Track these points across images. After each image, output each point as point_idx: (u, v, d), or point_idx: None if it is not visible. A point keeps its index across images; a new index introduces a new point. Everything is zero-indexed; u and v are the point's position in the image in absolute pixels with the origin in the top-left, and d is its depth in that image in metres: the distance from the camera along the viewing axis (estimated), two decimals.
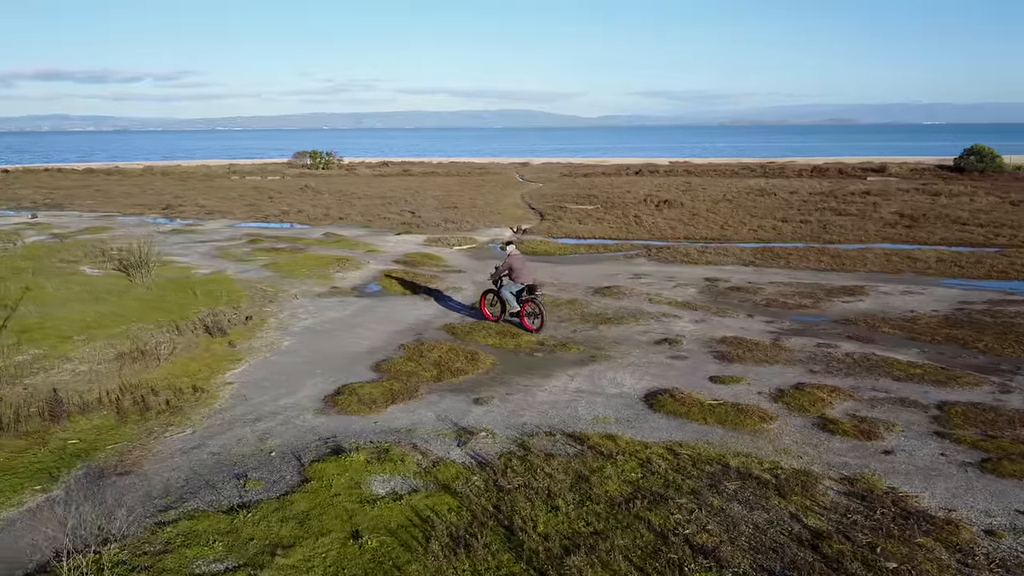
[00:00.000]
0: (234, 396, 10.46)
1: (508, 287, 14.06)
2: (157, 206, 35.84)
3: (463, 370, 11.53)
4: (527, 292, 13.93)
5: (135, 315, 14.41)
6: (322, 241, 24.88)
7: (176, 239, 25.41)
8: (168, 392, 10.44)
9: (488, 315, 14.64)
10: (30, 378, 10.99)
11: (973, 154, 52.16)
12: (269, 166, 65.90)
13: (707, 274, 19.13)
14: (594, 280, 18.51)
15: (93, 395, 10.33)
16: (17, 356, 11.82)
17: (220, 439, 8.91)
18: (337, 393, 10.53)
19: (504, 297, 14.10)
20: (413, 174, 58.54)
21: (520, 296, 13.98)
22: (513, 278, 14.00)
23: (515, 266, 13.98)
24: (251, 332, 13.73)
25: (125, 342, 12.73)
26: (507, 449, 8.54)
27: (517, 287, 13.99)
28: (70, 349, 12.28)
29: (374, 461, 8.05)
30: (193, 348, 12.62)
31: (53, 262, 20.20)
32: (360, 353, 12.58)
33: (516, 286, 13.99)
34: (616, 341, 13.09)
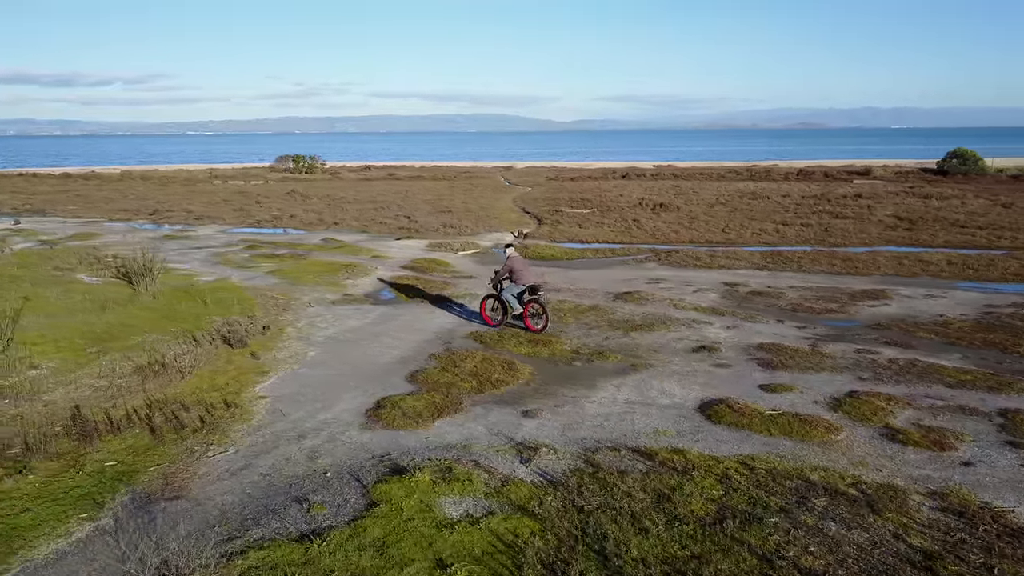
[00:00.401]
0: (270, 411, 9.95)
1: (509, 289, 14.01)
2: (143, 211, 34.95)
3: (503, 381, 11.11)
4: (529, 293, 13.91)
5: (147, 325, 13.80)
6: (323, 247, 24.30)
7: (171, 245, 24.68)
8: (200, 408, 9.90)
9: (489, 321, 14.45)
10: (48, 394, 10.39)
11: (956, 157, 52.72)
12: (251, 170, 64.85)
13: (723, 278, 18.87)
14: (611, 285, 18.16)
15: (119, 412, 9.76)
16: (31, 371, 11.19)
17: (267, 459, 8.40)
18: (378, 407, 10.06)
19: (506, 299, 14.01)
20: (399, 178, 57.93)
21: (522, 297, 13.93)
22: (514, 280, 13.98)
23: (516, 268, 13.98)
24: (271, 342, 13.19)
25: (142, 354, 12.14)
26: (574, 466, 8.13)
27: (519, 288, 13.94)
28: (85, 362, 11.67)
29: (440, 481, 7.60)
30: (214, 360, 12.06)
31: (47, 270, 19.44)
32: (391, 363, 12.11)
33: (518, 288, 13.95)
34: (652, 349, 12.74)
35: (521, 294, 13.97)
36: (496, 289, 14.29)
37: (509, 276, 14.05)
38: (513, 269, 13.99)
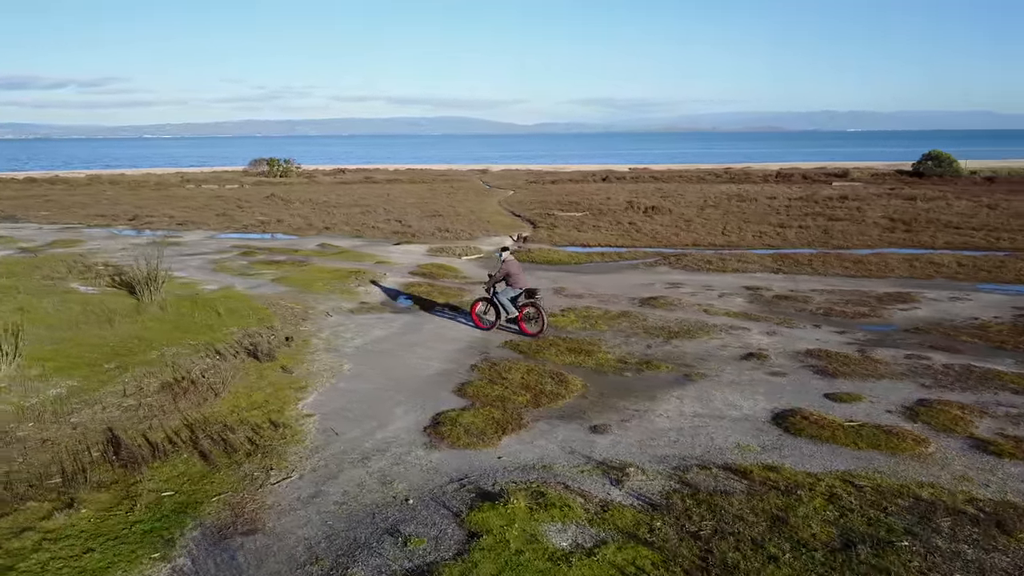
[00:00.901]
0: (321, 431, 9.30)
1: (505, 293, 13.95)
2: (122, 217, 33.73)
3: (558, 394, 10.58)
4: (526, 296, 13.86)
5: (162, 338, 13.02)
6: (321, 252, 23.53)
7: (159, 252, 23.65)
8: (245, 429, 9.22)
9: (480, 324, 14.37)
10: (75, 416, 9.62)
11: (931, 159, 53.45)
12: (223, 174, 63.35)
13: (742, 283, 18.56)
14: (631, 290, 17.75)
15: (158, 435, 9.05)
16: (50, 389, 10.40)
17: (336, 485, 7.78)
18: (436, 423, 9.48)
19: (501, 303, 13.92)
20: (376, 181, 57.04)
21: (516, 301, 13.88)
22: (510, 283, 13.95)
23: (512, 272, 13.99)
24: (300, 355, 12.52)
25: (165, 370, 11.40)
26: (669, 487, 7.64)
27: (514, 292, 13.90)
28: (107, 380, 10.90)
29: (536, 507, 7.06)
30: (244, 375, 11.36)
31: (36, 279, 18.45)
32: (433, 376, 11.53)
33: (513, 291, 13.91)
34: (700, 357, 12.32)
35: (516, 298, 13.89)
36: (489, 292, 14.21)
37: (505, 280, 13.99)
38: (509, 273, 13.95)
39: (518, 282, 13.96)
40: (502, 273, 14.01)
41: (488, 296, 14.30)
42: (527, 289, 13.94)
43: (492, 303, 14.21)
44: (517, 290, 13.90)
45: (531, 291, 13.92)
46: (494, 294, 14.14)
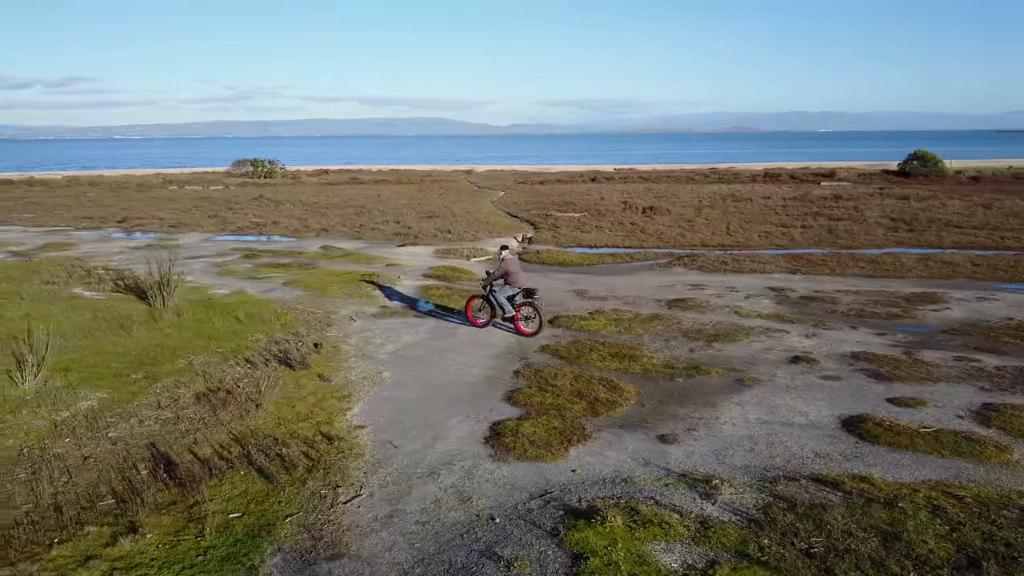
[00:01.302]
0: (378, 444, 8.84)
1: (503, 291, 13.93)
2: (110, 219, 32.83)
3: (614, 402, 10.20)
4: (524, 296, 13.86)
5: (185, 345, 12.45)
6: (327, 255, 22.97)
7: (161, 255, 22.96)
8: (298, 443, 8.74)
9: (474, 321, 14.37)
10: (112, 430, 9.07)
11: (917, 159, 53.86)
12: (206, 175, 62.19)
13: (764, 283, 18.33)
14: (653, 292, 17.44)
15: (205, 450, 8.55)
16: (80, 402, 9.82)
17: (412, 503, 7.33)
18: (496, 434, 9.06)
19: (498, 301, 13.92)
20: (363, 182, 56.32)
21: (513, 300, 13.87)
22: (509, 282, 13.92)
23: (511, 271, 13.95)
24: (333, 362, 12.03)
25: (196, 379, 10.85)
26: (763, 500, 7.29)
27: (512, 291, 13.87)
28: (137, 391, 10.34)
29: (635, 525, 6.68)
30: (281, 385, 10.85)
31: (36, 284, 17.71)
32: (477, 383, 11.11)
33: (511, 290, 13.88)
34: (746, 361, 12.01)
35: (513, 296, 13.87)
36: (485, 291, 14.19)
37: (504, 278, 13.94)
38: (508, 271, 13.90)
39: (516, 281, 13.92)
40: (501, 271, 13.94)
41: (484, 294, 14.28)
42: (525, 288, 13.90)
43: (488, 301, 14.21)
44: (515, 289, 13.86)
45: (529, 291, 13.88)
46: (491, 292, 14.11)
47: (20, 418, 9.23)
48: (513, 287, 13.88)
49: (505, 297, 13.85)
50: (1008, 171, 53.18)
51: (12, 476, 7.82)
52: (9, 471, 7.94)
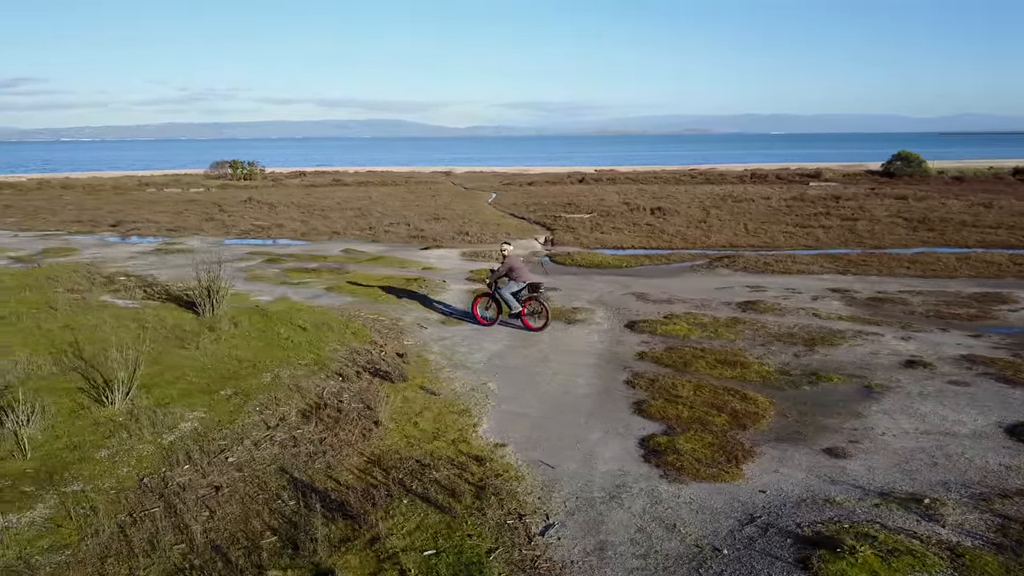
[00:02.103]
0: (531, 464, 8.10)
1: (508, 287, 13.99)
2: (102, 223, 31.31)
3: (754, 413, 9.59)
4: (529, 291, 13.95)
5: (262, 358, 11.52)
6: (354, 259, 22.02)
7: (177, 260, 21.82)
8: (445, 465, 7.95)
9: (481, 320, 14.35)
10: (230, 455, 8.18)
11: (901, 159, 54.46)
12: (182, 177, 60.18)
13: (820, 285, 17.91)
14: (714, 294, 16.90)
15: (346, 475, 7.72)
16: (181, 423, 8.89)
17: (614, 532, 6.62)
18: (652, 451, 8.40)
19: (504, 298, 13.97)
20: (348, 184, 55.03)
21: (519, 296, 13.94)
22: (513, 278, 13.98)
23: (515, 266, 14.03)
24: (427, 373, 11.25)
25: (293, 395, 9.98)
26: (993, 522, 6.73)
27: (518, 287, 13.97)
28: (235, 409, 9.44)
29: (885, 555, 6.05)
30: (386, 399, 10.01)
31: (60, 292, 16.51)
32: (593, 394, 10.43)
33: (517, 285, 13.97)
34: (860, 366, 11.50)
35: (519, 292, 13.94)
36: (491, 288, 14.22)
37: (508, 275, 14.02)
38: (513, 267, 13.99)
39: (521, 276, 13.99)
40: (505, 268, 14.00)
41: (490, 291, 14.28)
42: (531, 284, 14.01)
43: (494, 298, 14.23)
44: (520, 284, 13.96)
45: (534, 285, 14.00)
46: (496, 289, 14.12)
47: (123, 443, 8.29)
48: (518, 283, 13.94)
49: (510, 293, 13.91)
50: (988, 171, 54.11)
51: (146, 511, 6.92)
52: (139, 505, 7.04)
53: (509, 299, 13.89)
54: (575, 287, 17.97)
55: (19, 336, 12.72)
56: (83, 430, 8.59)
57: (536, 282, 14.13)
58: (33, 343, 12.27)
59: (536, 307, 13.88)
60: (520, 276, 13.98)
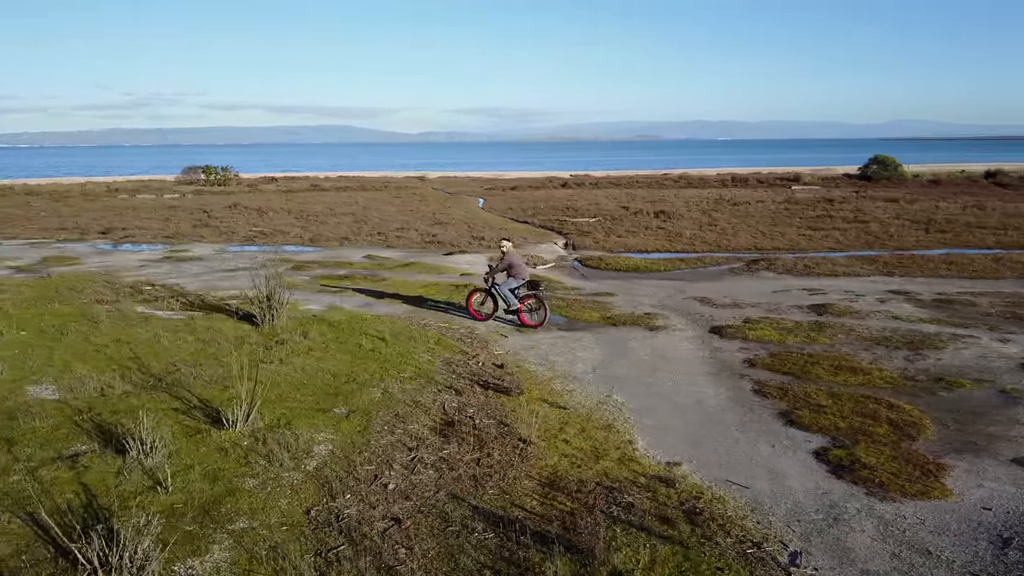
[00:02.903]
0: (720, 483, 7.47)
1: (506, 284, 14.02)
2: (89, 230, 29.71)
3: (912, 423, 9.10)
4: (528, 288, 14.03)
5: (357, 371, 10.68)
6: (380, 265, 21.13)
7: (192, 268, 20.66)
8: (637, 491, 7.29)
9: (477, 315, 14.45)
10: (387, 481, 7.36)
11: (877, 163, 55.28)
12: (151, 183, 57.96)
13: (876, 287, 17.65)
14: (774, 297, 16.52)
15: (526, 501, 7.03)
16: (314, 446, 8.04)
17: (869, 560, 6.05)
18: (837, 467, 7.85)
19: (502, 294, 14.00)
20: (326, 189, 53.67)
21: (517, 293, 13.99)
22: (512, 275, 14.03)
23: (514, 263, 14.05)
24: (538, 384, 10.55)
25: (416, 412, 9.20)
26: None
27: (516, 283, 14.00)
28: (360, 428, 8.62)
29: None
30: (512, 414, 9.29)
31: (89, 304, 15.36)
32: (728, 405, 9.88)
33: (516, 282, 14.01)
34: (979, 370, 11.14)
35: (516, 289, 13.99)
36: (487, 284, 14.29)
37: (507, 271, 14.04)
38: (512, 264, 14.01)
39: (520, 273, 14.03)
40: (504, 264, 14.04)
41: (487, 287, 14.39)
42: (529, 280, 14.13)
43: (490, 294, 14.36)
44: (519, 281, 14.00)
45: (533, 282, 14.14)
46: (493, 285, 14.21)
47: (267, 471, 7.42)
48: (516, 279, 13.98)
49: (509, 290, 13.94)
50: (961, 174, 55.25)
51: (335, 550, 6.10)
52: (322, 543, 6.22)
53: (507, 295, 13.93)
54: (627, 292, 17.42)
55: (70, 352, 11.68)
56: (210, 457, 7.69)
57: (535, 279, 14.30)
58: (91, 359, 11.26)
59: (534, 304, 13.95)
60: (519, 273, 14.01)
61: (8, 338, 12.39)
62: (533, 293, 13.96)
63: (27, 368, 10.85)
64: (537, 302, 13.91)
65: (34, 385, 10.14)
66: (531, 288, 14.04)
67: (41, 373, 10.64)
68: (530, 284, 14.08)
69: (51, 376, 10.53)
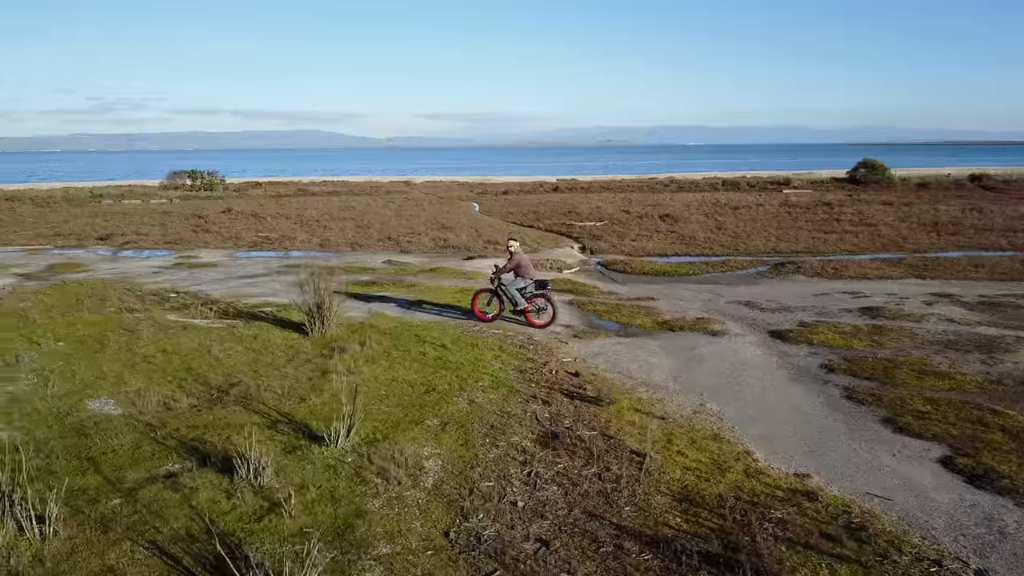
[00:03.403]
0: (862, 497, 7.14)
1: (514, 284, 13.97)
2: (85, 236, 28.79)
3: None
4: (536, 287, 13.97)
5: (435, 381, 10.23)
6: (404, 270, 20.63)
7: (209, 275, 20.00)
8: (782, 506, 6.94)
9: (481, 315, 14.35)
10: (511, 499, 6.95)
11: (866, 167, 55.71)
12: (135, 188, 56.57)
13: (916, 289, 17.47)
14: (816, 300, 16.30)
15: (669, 518, 6.65)
16: (424, 462, 7.59)
17: None
18: (969, 475, 7.60)
19: (510, 294, 13.95)
20: (315, 194, 52.87)
21: (524, 292, 13.93)
22: (520, 275, 13.97)
23: (522, 263, 13.96)
24: (623, 393, 10.13)
25: (511, 423, 8.80)
26: None
27: (524, 283, 13.94)
28: (462, 443, 8.19)
29: None
30: (608, 424, 8.91)
31: (118, 312, 14.72)
32: (826, 412, 9.58)
33: (524, 282, 13.95)
34: None
35: (524, 289, 13.93)
36: (493, 284, 14.22)
37: (515, 271, 13.98)
38: (520, 264, 13.93)
39: (528, 273, 13.97)
40: (512, 264, 13.96)
41: (492, 288, 14.32)
42: (537, 280, 14.05)
43: (496, 294, 14.29)
44: (527, 281, 13.94)
45: (541, 282, 14.06)
46: (499, 285, 14.13)
47: (386, 489, 6.97)
48: (524, 279, 13.91)
49: (516, 289, 13.88)
50: (947, 178, 55.90)
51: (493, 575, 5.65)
52: (476, 568, 5.83)
53: (515, 295, 13.88)
54: (666, 296, 17.13)
55: (118, 363, 11.13)
56: (319, 476, 7.21)
57: (543, 279, 14.22)
58: (142, 371, 10.74)
59: (542, 303, 13.87)
60: (527, 273, 13.94)
61: (47, 349, 11.79)
62: (541, 293, 13.88)
63: (78, 380, 10.30)
64: (545, 301, 13.84)
65: (92, 399, 9.59)
66: (539, 288, 13.96)
67: (95, 386, 10.09)
68: (538, 284, 14.02)
69: (106, 389, 9.99)
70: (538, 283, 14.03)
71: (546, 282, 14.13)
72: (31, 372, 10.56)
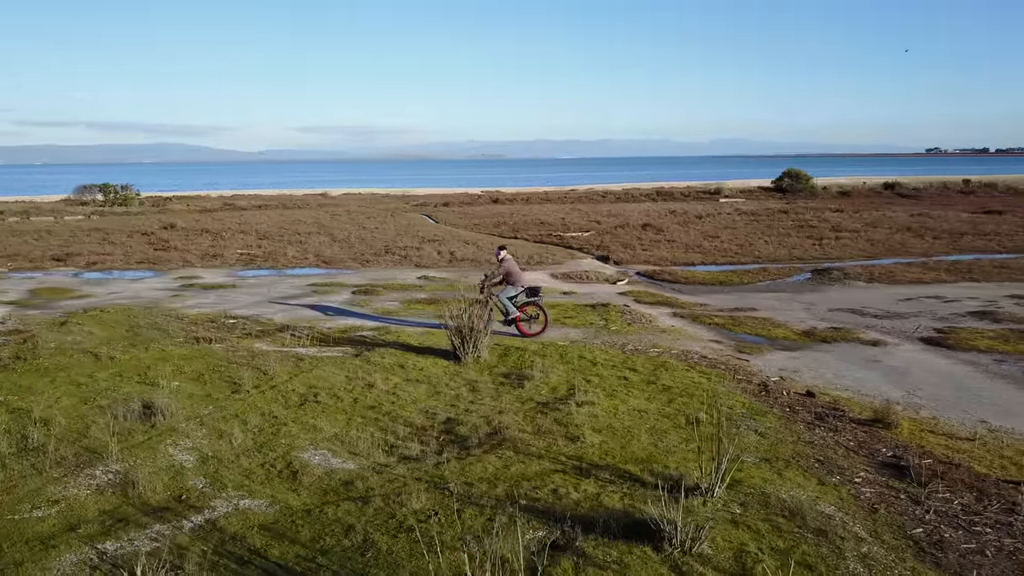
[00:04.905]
0: None
1: (504, 292, 13.44)
2: (34, 257, 25.35)
3: None
4: (527, 295, 13.48)
5: (688, 410, 9.09)
6: (451, 286, 19.15)
7: (239, 297, 17.84)
8: None
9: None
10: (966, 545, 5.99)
11: (791, 177, 57.95)
12: (40, 204, 51.09)
13: (990, 293, 17.58)
14: (911, 305, 16.24)
15: None
16: (820, 507, 6.49)
17: None
18: None
19: (502, 303, 13.38)
20: (244, 208, 49.55)
21: (515, 301, 13.46)
22: (511, 283, 13.50)
23: (512, 270, 13.51)
24: (876, 410, 9.34)
25: (831, 456, 7.79)
26: None
27: (515, 291, 13.47)
28: (816, 483, 7.13)
29: None
30: (937, 452, 8.09)
31: (192, 342, 12.69)
32: None
33: (514, 290, 13.48)
34: None
35: (514, 297, 13.42)
36: (483, 292, 13.52)
37: (505, 279, 13.45)
38: (509, 271, 13.45)
39: (519, 281, 13.51)
40: (502, 272, 13.47)
41: (481, 298, 13.34)
42: (528, 288, 13.55)
43: (486, 304, 13.25)
44: (517, 289, 13.44)
45: (532, 290, 13.55)
46: (489, 295, 13.49)
47: (829, 550, 5.82)
48: (515, 287, 13.40)
49: (507, 298, 13.34)
50: (863, 186, 58.98)
51: None
52: None
53: (506, 304, 13.32)
54: (755, 305, 16.61)
55: (278, 405, 9.41)
56: (745, 535, 5.98)
57: (534, 287, 13.66)
58: (314, 412, 9.14)
59: (534, 312, 13.46)
60: (518, 280, 13.44)
61: (169, 388, 9.79)
62: (532, 301, 13.37)
63: (254, 429, 8.50)
64: (537, 309, 13.40)
65: (299, 451, 7.89)
66: (530, 295, 13.40)
67: (284, 435, 8.35)
68: (529, 291, 13.46)
69: (302, 437, 8.29)
70: (529, 290, 13.46)
71: (537, 289, 13.58)
72: (198, 422, 8.64)
